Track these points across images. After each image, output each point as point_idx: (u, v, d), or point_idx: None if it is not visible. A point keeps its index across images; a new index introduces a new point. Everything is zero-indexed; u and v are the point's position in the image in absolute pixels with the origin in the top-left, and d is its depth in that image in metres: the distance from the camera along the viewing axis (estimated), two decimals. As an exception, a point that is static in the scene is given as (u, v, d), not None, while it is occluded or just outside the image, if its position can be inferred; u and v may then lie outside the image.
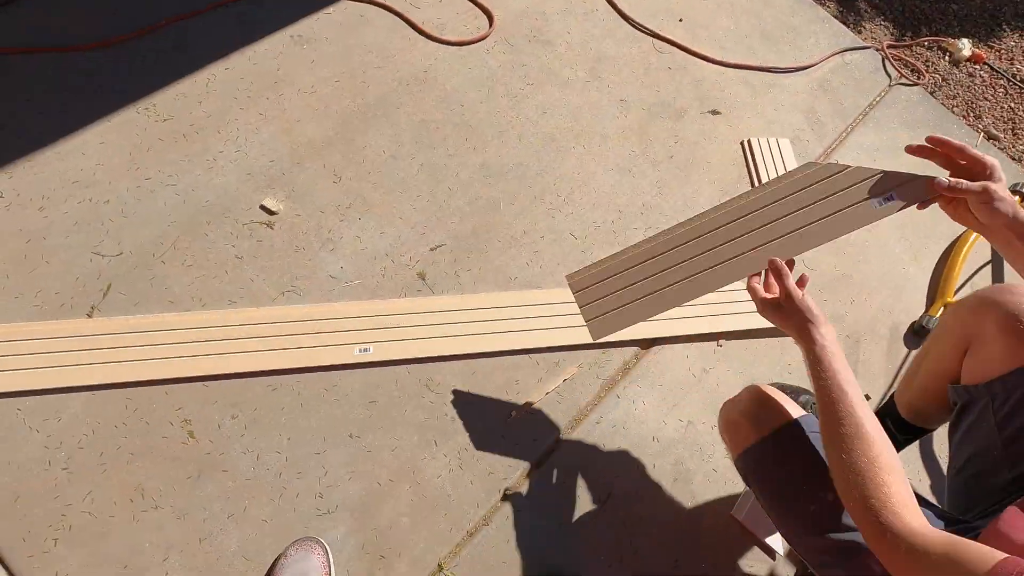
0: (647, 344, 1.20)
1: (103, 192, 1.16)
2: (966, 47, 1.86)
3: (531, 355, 1.15)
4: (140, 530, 0.92)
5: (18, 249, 1.08)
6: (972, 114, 1.78)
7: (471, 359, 1.12)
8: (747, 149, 1.49)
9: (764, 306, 0.80)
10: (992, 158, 0.76)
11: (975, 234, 1.43)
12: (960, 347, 0.79)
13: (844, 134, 1.58)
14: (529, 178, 1.33)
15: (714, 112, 1.53)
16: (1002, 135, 1.74)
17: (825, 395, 0.69)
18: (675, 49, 1.61)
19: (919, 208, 0.81)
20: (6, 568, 0.88)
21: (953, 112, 1.75)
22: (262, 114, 1.29)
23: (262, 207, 1.19)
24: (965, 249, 1.41)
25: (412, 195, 1.27)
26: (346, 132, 1.31)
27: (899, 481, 0.62)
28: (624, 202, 1.35)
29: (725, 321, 1.23)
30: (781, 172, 1.46)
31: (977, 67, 1.87)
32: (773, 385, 0.89)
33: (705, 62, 1.60)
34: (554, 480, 1.06)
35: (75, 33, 1.30)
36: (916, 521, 0.59)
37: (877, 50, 1.77)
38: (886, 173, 0.83)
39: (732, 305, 1.26)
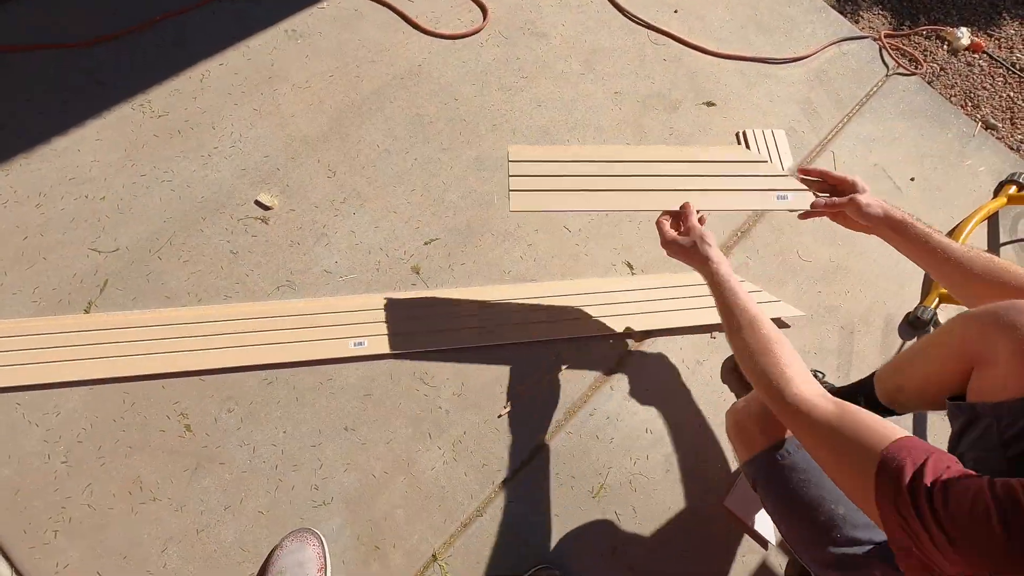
0: (641, 336, 1.20)
1: (99, 188, 1.16)
2: (965, 36, 1.84)
3: (525, 347, 1.15)
4: (139, 522, 0.94)
5: (16, 246, 1.09)
6: (970, 103, 1.77)
7: (465, 352, 1.13)
8: (742, 141, 1.48)
9: (668, 240, 0.93)
10: (853, 175, 0.94)
11: (970, 225, 1.43)
12: (962, 360, 0.76)
13: (840, 125, 1.57)
14: (523, 171, 1.34)
15: (709, 104, 1.52)
16: (1000, 124, 1.73)
17: (722, 299, 0.83)
18: (670, 40, 1.60)
19: (801, 217, 0.99)
20: (8, 560, 0.90)
21: (951, 101, 1.74)
22: (256, 109, 1.29)
23: (257, 202, 1.20)
24: (961, 239, 1.41)
25: (406, 189, 1.27)
26: (340, 127, 1.31)
27: (793, 358, 0.73)
28: (618, 195, 1.35)
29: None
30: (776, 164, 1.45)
31: (976, 56, 1.86)
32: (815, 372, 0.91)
33: (700, 53, 1.60)
34: (547, 471, 1.07)
35: (71, 30, 1.30)
36: (813, 391, 0.68)
37: (874, 40, 1.76)
38: (790, 177, 1.01)
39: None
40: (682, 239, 0.91)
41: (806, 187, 0.99)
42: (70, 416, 0.99)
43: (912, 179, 1.53)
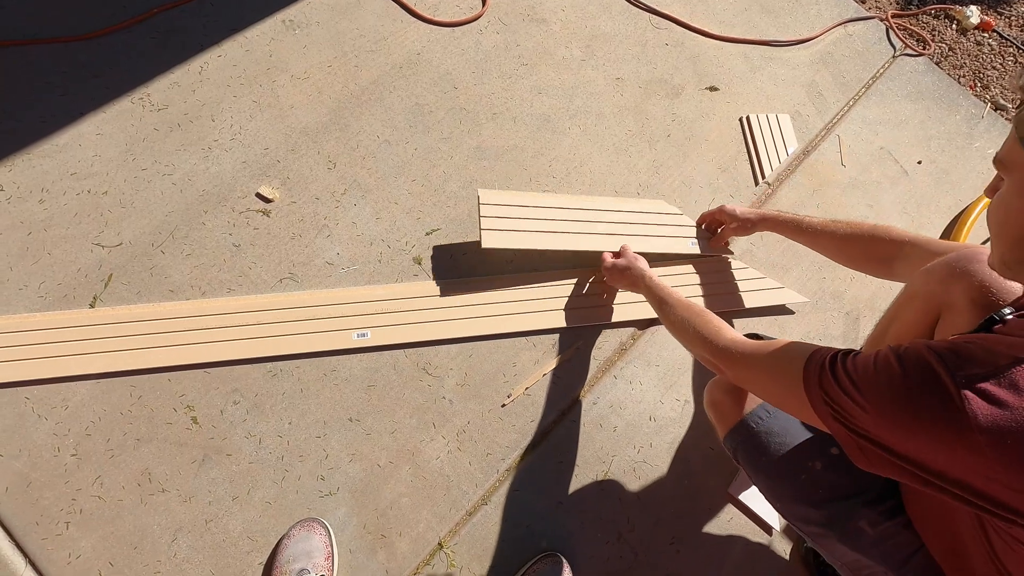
0: (644, 324, 1.20)
1: (101, 183, 1.17)
2: (974, 14, 1.81)
3: (528, 337, 1.15)
4: (148, 513, 0.95)
5: (20, 241, 1.10)
6: (979, 83, 1.74)
7: (468, 342, 1.13)
8: (746, 126, 1.47)
9: (608, 265, 1.12)
10: (718, 207, 1.20)
11: (979, 207, 1.41)
12: (930, 315, 0.80)
13: (846, 108, 1.55)
14: (524, 160, 1.33)
15: (712, 88, 1.50)
16: (1010, 105, 1.70)
17: (658, 297, 0.97)
18: (672, 24, 1.58)
19: (704, 250, 1.25)
20: (22, 551, 0.91)
21: (959, 82, 1.71)
22: (256, 101, 1.29)
23: (258, 195, 1.20)
24: (969, 222, 1.39)
25: (407, 180, 1.26)
26: (340, 118, 1.30)
27: (719, 321, 0.83)
28: (620, 183, 1.34)
29: (723, 300, 1.23)
30: (781, 149, 1.44)
31: (985, 35, 1.83)
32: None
33: (703, 37, 1.58)
34: (552, 460, 1.07)
35: (67, 24, 1.30)
36: (740, 336, 0.78)
37: (881, 20, 1.73)
38: (696, 226, 1.27)
39: (733, 284, 1.25)
40: (620, 262, 1.11)
41: (709, 234, 1.26)
42: (78, 409, 1.00)
43: (919, 162, 1.51)
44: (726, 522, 1.08)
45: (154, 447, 0.99)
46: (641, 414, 1.13)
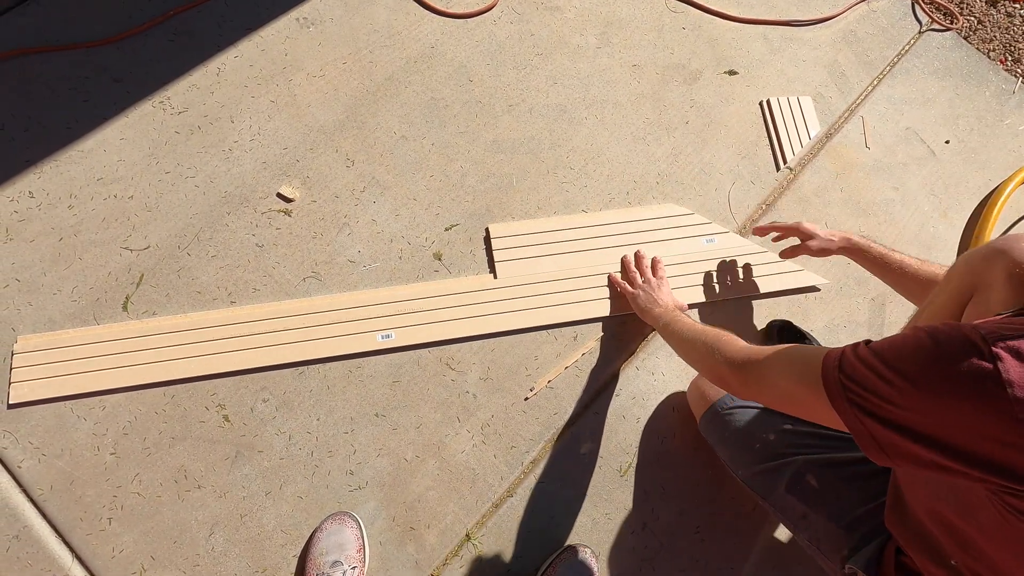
0: (665, 315, 1.20)
1: (126, 188, 1.19)
2: (1005, -15, 1.74)
3: (549, 331, 1.16)
4: (186, 508, 0.99)
5: (52, 247, 1.13)
6: (1011, 57, 1.67)
7: (490, 337, 1.14)
8: (766, 110, 1.44)
9: (631, 298, 1.12)
10: (795, 222, 1.12)
11: (1009, 188, 1.37)
12: (963, 295, 0.79)
13: (870, 88, 1.51)
14: (541, 152, 1.32)
15: (731, 72, 1.47)
16: (1043, 79, 1.64)
17: (670, 329, 0.96)
18: (689, 7, 1.55)
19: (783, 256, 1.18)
20: (68, 546, 0.95)
21: (989, 57, 1.65)
22: (273, 101, 1.30)
23: (279, 195, 1.21)
24: (999, 204, 1.36)
25: (425, 175, 1.27)
26: (356, 115, 1.31)
27: (729, 338, 0.81)
28: (639, 172, 1.33)
29: (738, 287, 1.22)
30: (803, 133, 1.41)
31: (1017, 6, 1.76)
32: (779, 320, 1.09)
33: (721, 19, 1.54)
34: (576, 451, 1.08)
35: (88, 29, 1.31)
36: (749, 344, 0.77)
37: (907, -6, 1.67)
38: (714, 224, 1.27)
39: (755, 268, 1.24)
40: (640, 298, 1.10)
41: (726, 230, 1.26)
42: (115, 410, 1.03)
43: (947, 142, 1.47)
44: (750, 510, 1.08)
45: (188, 445, 1.02)
46: (664, 405, 1.13)
